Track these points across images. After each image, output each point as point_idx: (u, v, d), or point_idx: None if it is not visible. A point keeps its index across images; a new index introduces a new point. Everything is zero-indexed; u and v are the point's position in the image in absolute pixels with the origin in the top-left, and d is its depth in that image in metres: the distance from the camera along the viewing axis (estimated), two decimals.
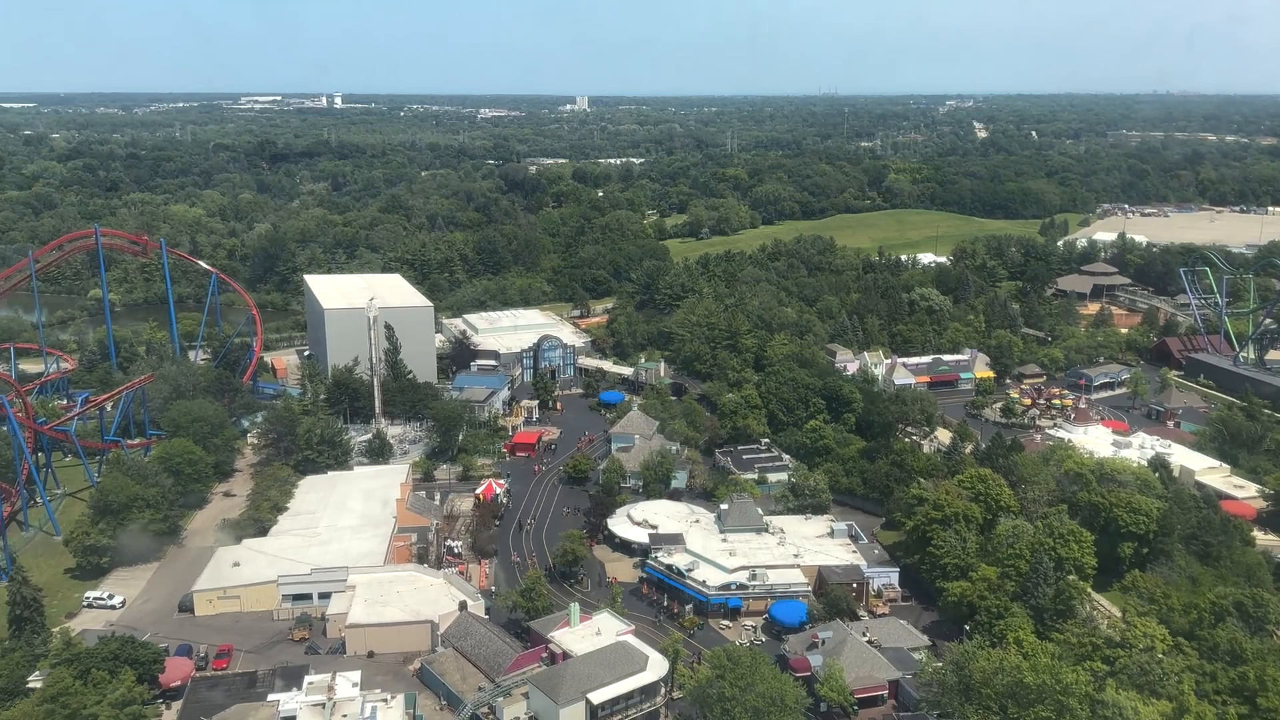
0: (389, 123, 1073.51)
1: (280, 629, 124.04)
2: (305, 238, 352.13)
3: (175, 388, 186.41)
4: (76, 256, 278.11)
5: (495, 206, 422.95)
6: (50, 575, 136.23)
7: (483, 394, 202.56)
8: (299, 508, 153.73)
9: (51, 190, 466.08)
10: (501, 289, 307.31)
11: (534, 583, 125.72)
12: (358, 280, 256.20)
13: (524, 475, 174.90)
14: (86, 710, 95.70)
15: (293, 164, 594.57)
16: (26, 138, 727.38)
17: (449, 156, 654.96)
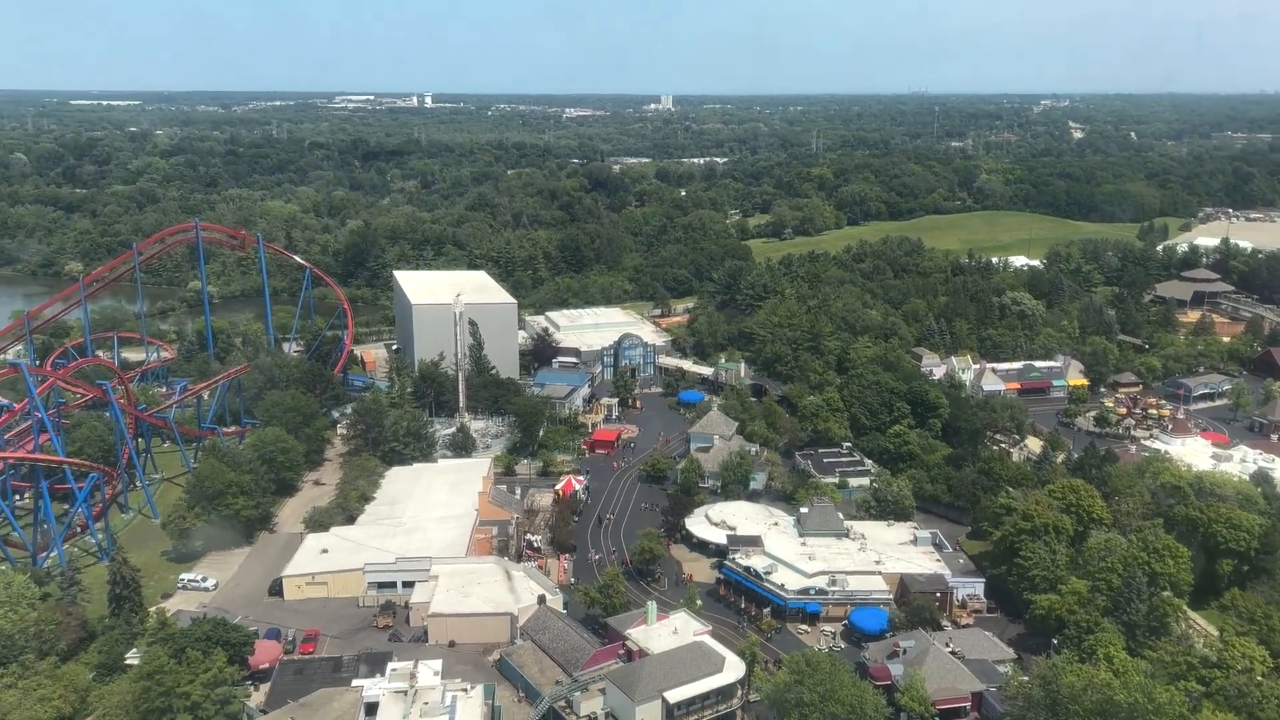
0: (477, 122, 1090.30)
1: (365, 615, 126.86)
2: (395, 234, 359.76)
3: (269, 378, 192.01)
4: (177, 249, 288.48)
5: (579, 205, 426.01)
6: (148, 557, 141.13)
7: (563, 391, 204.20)
8: (385, 498, 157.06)
9: (154, 185, 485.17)
10: (583, 287, 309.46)
11: (612, 580, 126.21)
12: (445, 277, 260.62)
13: (603, 472, 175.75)
14: (180, 689, 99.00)
15: (384, 162, 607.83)
16: (132, 134, 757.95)
17: (534, 155, 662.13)
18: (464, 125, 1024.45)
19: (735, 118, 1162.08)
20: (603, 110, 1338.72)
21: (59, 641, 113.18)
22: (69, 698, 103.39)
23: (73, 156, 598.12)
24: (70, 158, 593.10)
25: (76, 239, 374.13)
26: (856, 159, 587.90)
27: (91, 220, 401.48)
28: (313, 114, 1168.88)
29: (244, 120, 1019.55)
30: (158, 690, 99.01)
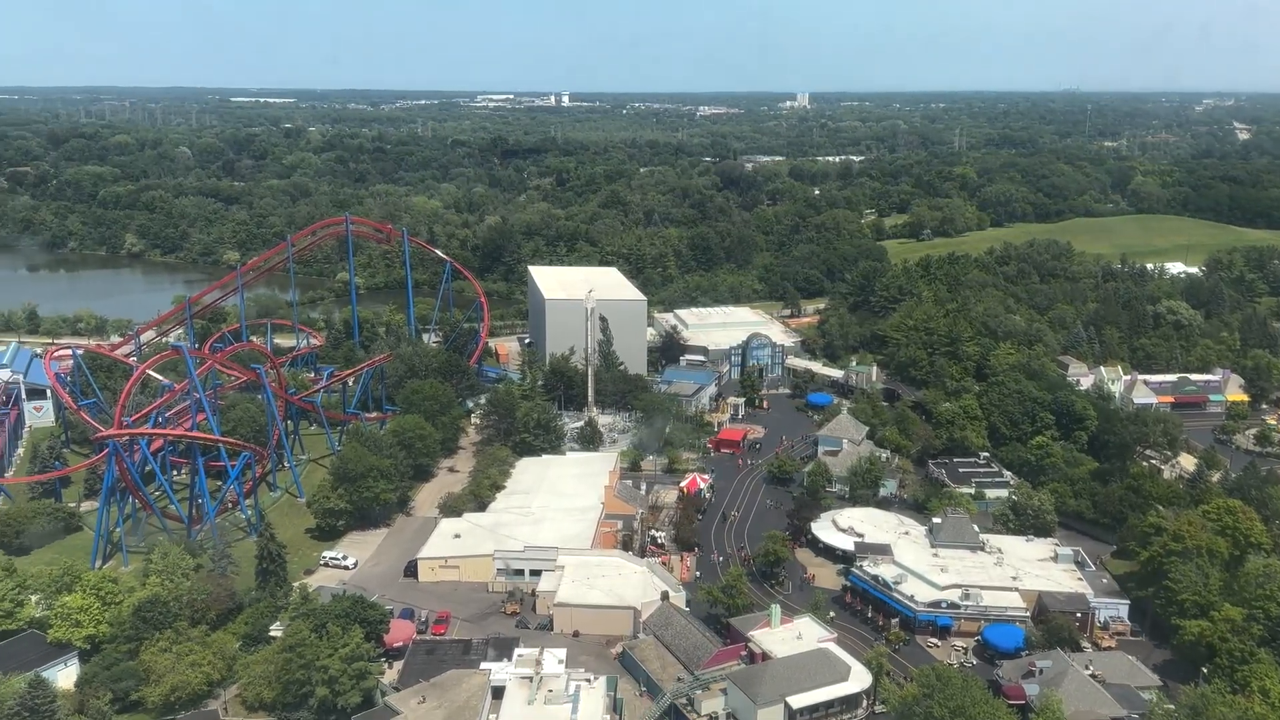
0: (612, 120, 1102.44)
1: (494, 601, 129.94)
2: (530, 230, 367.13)
3: (410, 367, 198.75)
4: (327, 242, 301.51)
5: (710, 203, 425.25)
6: (293, 534, 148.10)
7: (690, 389, 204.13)
8: (515, 487, 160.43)
9: (307, 180, 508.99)
10: (713, 285, 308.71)
11: (735, 580, 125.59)
12: (577, 272, 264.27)
13: (728, 472, 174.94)
14: (320, 662, 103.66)
15: (522, 159, 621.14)
16: (287, 131, 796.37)
17: (667, 154, 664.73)
18: (599, 124, 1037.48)
19: (873, 115, 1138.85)
20: (737, 108, 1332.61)
21: (209, 611, 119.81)
22: (217, 664, 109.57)
23: (232, 151, 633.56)
24: (230, 152, 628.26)
25: (234, 229, 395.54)
26: (1001, 158, 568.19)
27: (248, 212, 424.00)
28: (456, 112, 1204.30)
29: (391, 118, 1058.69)
30: (298, 662, 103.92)
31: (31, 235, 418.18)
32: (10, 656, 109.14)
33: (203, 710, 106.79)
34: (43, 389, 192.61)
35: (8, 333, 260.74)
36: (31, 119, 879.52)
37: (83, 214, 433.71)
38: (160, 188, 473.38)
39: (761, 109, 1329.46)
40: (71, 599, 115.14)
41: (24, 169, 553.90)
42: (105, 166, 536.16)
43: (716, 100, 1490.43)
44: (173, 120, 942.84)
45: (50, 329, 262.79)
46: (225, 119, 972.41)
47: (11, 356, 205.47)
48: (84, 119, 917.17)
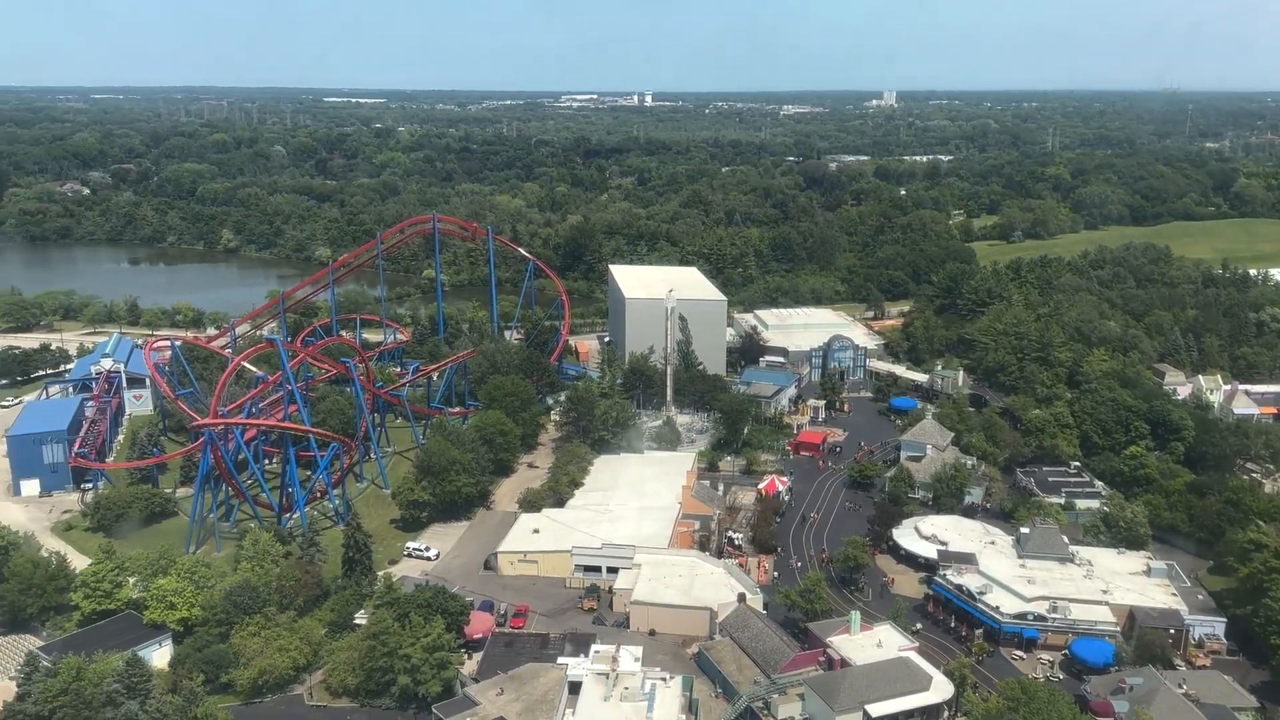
0: (694, 120, 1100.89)
1: (571, 596, 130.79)
2: (612, 229, 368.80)
3: (492, 363, 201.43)
4: (415, 239, 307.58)
5: (793, 203, 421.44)
6: (378, 524, 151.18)
7: (770, 390, 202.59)
8: (593, 484, 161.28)
9: (396, 178, 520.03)
10: (794, 286, 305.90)
11: (814, 585, 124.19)
12: (657, 272, 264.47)
13: (807, 475, 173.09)
14: (402, 650, 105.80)
15: (604, 159, 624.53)
16: (377, 130, 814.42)
17: (749, 153, 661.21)
18: (681, 123, 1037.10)
19: (962, 114, 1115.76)
20: (821, 107, 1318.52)
21: (297, 597, 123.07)
22: (304, 650, 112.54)
23: (325, 150, 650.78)
24: (322, 151, 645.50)
25: (326, 226, 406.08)
26: (1096, 158, 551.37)
27: (340, 210, 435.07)
28: (540, 113, 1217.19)
29: (478, 118, 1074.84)
30: (382, 650, 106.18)
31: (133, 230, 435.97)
32: (109, 635, 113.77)
33: (289, 694, 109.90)
34: (142, 378, 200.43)
35: (110, 324, 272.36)
36: (135, 118, 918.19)
37: (182, 210, 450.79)
38: (255, 185, 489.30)
39: (847, 108, 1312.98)
40: (166, 582, 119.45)
41: (127, 166, 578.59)
42: (203, 164, 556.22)
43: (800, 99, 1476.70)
44: (268, 119, 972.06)
45: (150, 321, 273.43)
46: (318, 119, 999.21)
47: (113, 347, 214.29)
48: (184, 118, 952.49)
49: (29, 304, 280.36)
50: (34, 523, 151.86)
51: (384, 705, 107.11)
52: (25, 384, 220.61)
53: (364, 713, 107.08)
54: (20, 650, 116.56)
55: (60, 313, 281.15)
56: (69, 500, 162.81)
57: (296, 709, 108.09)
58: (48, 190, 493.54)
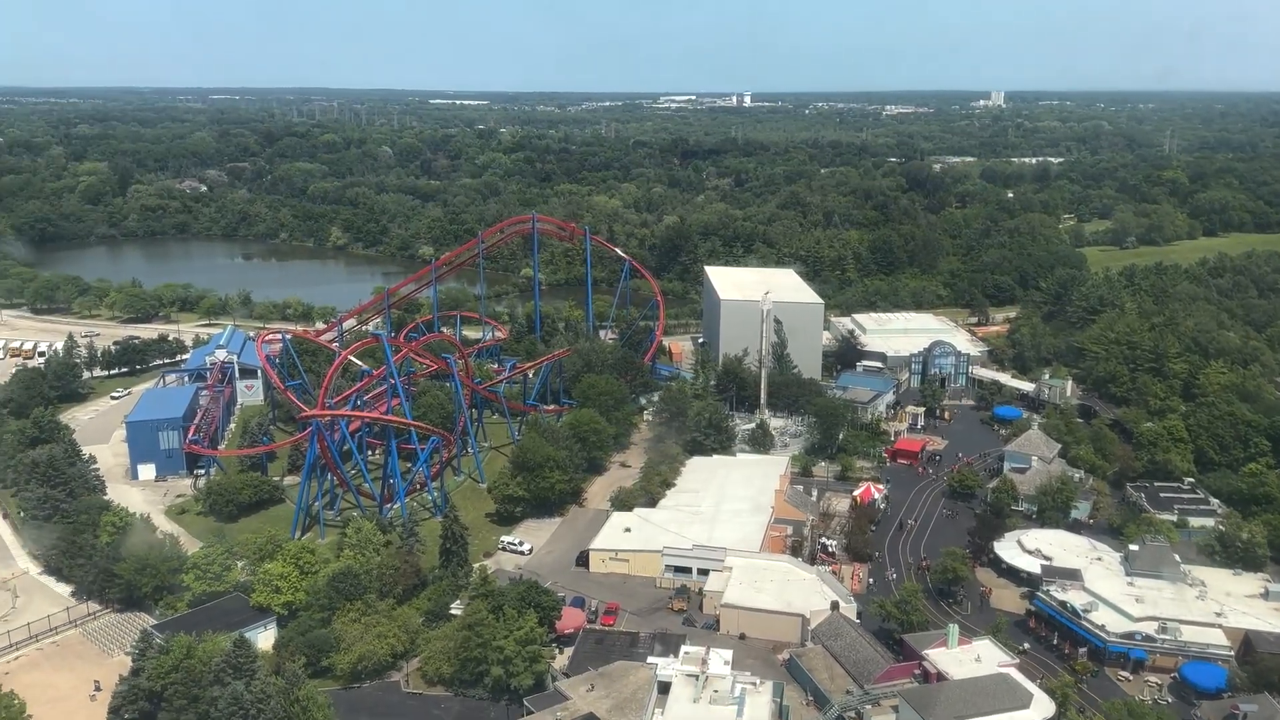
0: (793, 120, 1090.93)
1: (661, 596, 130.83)
2: (707, 230, 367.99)
3: (587, 362, 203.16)
4: (514, 239, 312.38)
5: (894, 205, 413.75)
6: (473, 517, 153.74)
7: (867, 395, 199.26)
8: (685, 485, 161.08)
9: (497, 179, 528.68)
10: (893, 290, 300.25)
11: (910, 595, 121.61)
12: (753, 274, 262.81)
13: (904, 483, 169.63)
14: (496, 642, 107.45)
15: (701, 160, 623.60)
16: (479, 132, 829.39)
17: (850, 154, 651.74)
18: (780, 124, 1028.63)
19: (1074, 115, 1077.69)
20: (925, 107, 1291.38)
21: (396, 586, 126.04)
22: (401, 637, 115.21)
23: (429, 151, 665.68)
24: (427, 152, 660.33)
25: (429, 225, 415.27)
26: (1217, 162, 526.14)
27: (442, 209, 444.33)
28: (638, 114, 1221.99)
29: (577, 119, 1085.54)
30: (476, 641, 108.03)
31: (247, 226, 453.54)
32: (218, 616, 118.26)
33: (386, 680, 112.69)
34: (254, 369, 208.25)
35: (224, 316, 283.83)
36: (249, 118, 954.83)
37: (293, 208, 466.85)
38: (363, 185, 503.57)
39: (952, 108, 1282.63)
40: (273, 566, 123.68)
41: (242, 165, 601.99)
42: (314, 164, 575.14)
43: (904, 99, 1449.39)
44: (376, 120, 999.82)
45: (262, 314, 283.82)
46: (424, 120, 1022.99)
47: (228, 338, 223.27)
48: (296, 118, 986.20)
49: (149, 296, 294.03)
50: (150, 505, 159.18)
51: (477, 695, 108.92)
52: (143, 373, 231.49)
53: (457, 702, 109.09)
54: (134, 627, 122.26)
55: (178, 305, 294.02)
56: (183, 485, 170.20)
57: (393, 695, 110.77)
58: (167, 187, 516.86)
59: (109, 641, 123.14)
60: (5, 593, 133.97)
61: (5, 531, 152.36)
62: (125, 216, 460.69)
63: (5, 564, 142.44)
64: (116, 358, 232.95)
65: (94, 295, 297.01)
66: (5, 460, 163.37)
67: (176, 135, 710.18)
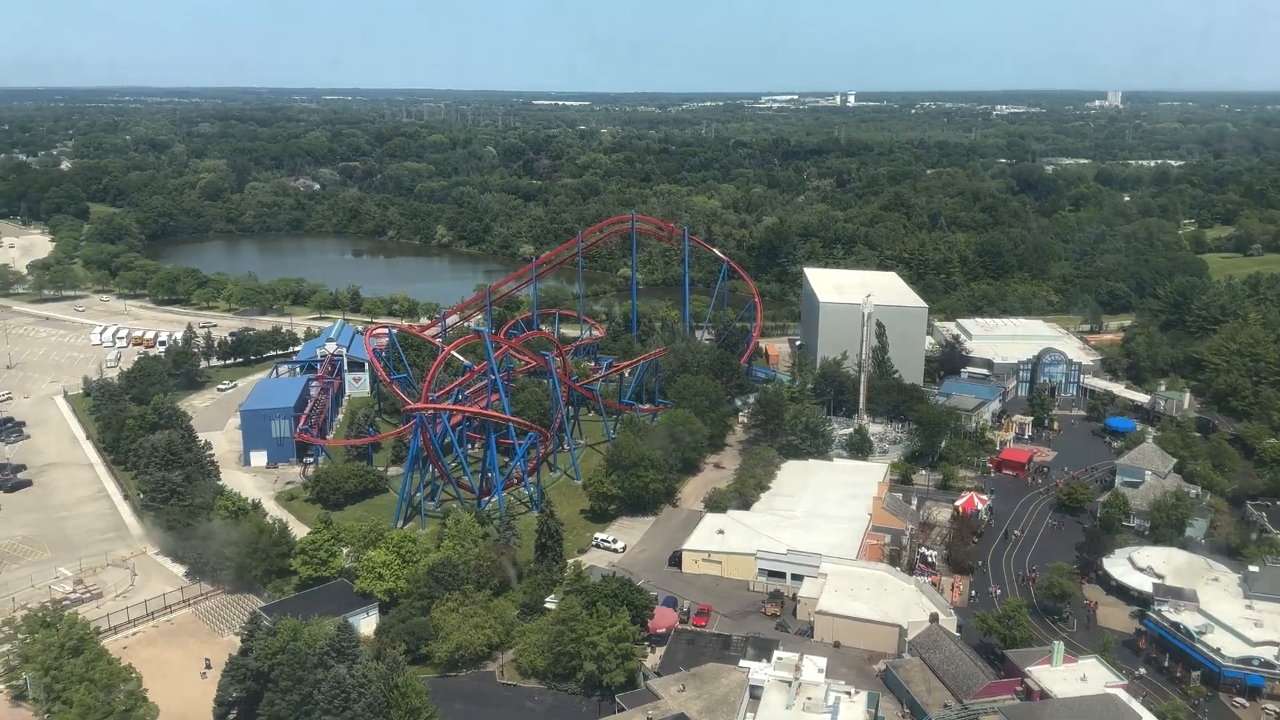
0: (898, 120, 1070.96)
1: (754, 600, 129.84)
2: (807, 232, 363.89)
3: (682, 362, 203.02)
4: (613, 238, 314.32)
5: (1003, 208, 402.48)
6: (568, 513, 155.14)
7: (971, 403, 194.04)
8: (780, 489, 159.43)
9: (597, 179, 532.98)
10: (1001, 295, 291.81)
11: (1014, 610, 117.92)
12: (853, 276, 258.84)
13: (1009, 494, 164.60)
14: (589, 637, 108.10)
15: (802, 160, 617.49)
16: (581, 132, 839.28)
17: (957, 155, 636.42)
18: (885, 124, 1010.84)
19: (1196, 116, 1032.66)
20: (1037, 107, 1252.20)
21: (493, 578, 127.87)
22: (497, 628, 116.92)
23: (532, 151, 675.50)
24: (530, 152, 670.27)
25: (530, 224, 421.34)
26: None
27: (543, 209, 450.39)
28: (740, 114, 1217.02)
29: (677, 120, 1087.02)
30: (570, 636, 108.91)
31: (357, 224, 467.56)
32: (323, 601, 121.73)
33: (481, 670, 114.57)
34: (362, 362, 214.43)
35: (334, 310, 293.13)
36: (361, 118, 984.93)
37: (401, 206, 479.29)
38: (468, 184, 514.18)
39: (1066, 108, 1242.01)
40: (376, 554, 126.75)
41: (353, 164, 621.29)
42: (422, 164, 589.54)
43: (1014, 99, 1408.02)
44: (481, 121, 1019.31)
45: (370, 309, 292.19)
46: (527, 120, 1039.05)
47: (337, 332, 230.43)
48: (405, 119, 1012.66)
49: (263, 289, 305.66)
50: (260, 491, 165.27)
51: (569, 690, 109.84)
52: (256, 363, 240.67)
53: (550, 695, 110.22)
54: (244, 609, 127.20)
55: (290, 298, 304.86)
56: (292, 472, 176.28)
57: (487, 685, 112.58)
58: (282, 185, 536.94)
59: (219, 621, 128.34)
60: (124, 571, 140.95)
61: (126, 512, 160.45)
62: (242, 212, 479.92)
63: (125, 543, 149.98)
64: (232, 348, 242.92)
65: (212, 288, 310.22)
66: (127, 444, 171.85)
67: (292, 135, 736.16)
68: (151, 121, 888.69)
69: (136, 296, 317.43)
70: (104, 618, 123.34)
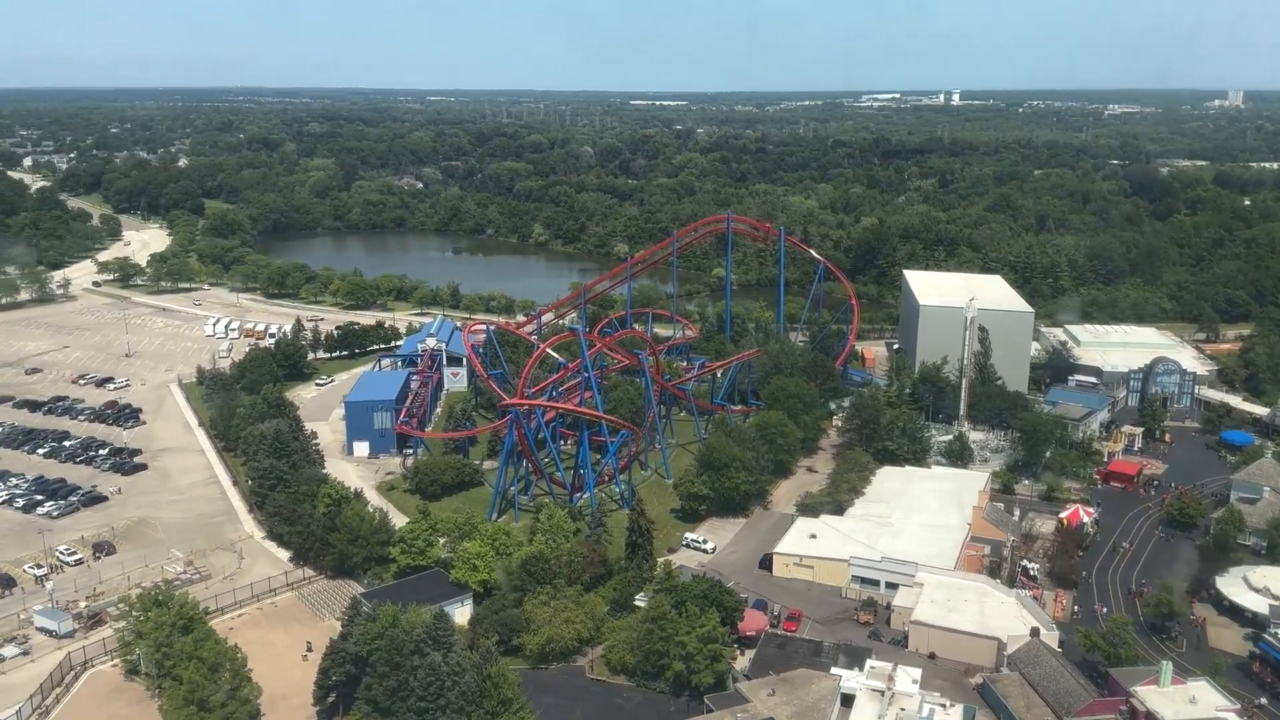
0: (1005, 120, 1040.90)
1: (846, 607, 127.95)
2: (908, 233, 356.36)
3: (776, 364, 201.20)
4: (707, 238, 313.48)
5: (1115, 210, 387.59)
6: (658, 512, 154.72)
7: (1078, 412, 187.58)
8: (874, 495, 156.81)
9: (693, 179, 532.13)
10: (1111, 301, 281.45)
11: (1119, 628, 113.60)
12: (955, 279, 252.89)
13: (1117, 508, 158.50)
14: (678, 637, 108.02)
15: (903, 160, 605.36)
16: (677, 132, 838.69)
17: (1067, 155, 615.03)
18: (991, 123, 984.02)
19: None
20: (1152, 107, 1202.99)
21: (584, 573, 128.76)
22: (587, 624, 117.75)
23: (628, 151, 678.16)
24: (626, 152, 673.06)
25: (625, 224, 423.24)
26: None
27: (638, 208, 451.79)
28: (839, 113, 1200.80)
29: (775, 119, 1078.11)
30: (659, 634, 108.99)
31: (457, 222, 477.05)
32: (420, 589, 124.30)
33: (571, 664, 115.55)
34: (460, 358, 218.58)
35: (434, 306, 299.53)
36: (463, 118, 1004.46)
37: (500, 205, 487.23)
38: (565, 184, 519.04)
39: (1183, 108, 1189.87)
40: (471, 545, 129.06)
41: (455, 163, 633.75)
42: (520, 163, 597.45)
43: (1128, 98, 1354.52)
44: (579, 121, 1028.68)
45: (468, 305, 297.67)
46: (624, 120, 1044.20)
47: (437, 327, 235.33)
48: (505, 119, 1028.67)
49: (368, 285, 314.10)
50: (362, 481, 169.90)
51: (658, 688, 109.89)
52: (360, 356, 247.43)
53: (639, 693, 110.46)
54: (344, 594, 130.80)
55: (393, 294, 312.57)
56: (392, 463, 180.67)
57: (577, 680, 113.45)
58: (387, 183, 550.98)
59: (321, 605, 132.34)
60: (232, 554, 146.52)
61: (235, 498, 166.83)
62: (349, 210, 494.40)
63: (234, 527, 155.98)
64: (338, 341, 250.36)
65: (319, 283, 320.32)
66: (237, 432, 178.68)
67: (397, 134, 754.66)
68: (263, 121, 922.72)
69: (248, 290, 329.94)
70: (212, 598, 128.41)
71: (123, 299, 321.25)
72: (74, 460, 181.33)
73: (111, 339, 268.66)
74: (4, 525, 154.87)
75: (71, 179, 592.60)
